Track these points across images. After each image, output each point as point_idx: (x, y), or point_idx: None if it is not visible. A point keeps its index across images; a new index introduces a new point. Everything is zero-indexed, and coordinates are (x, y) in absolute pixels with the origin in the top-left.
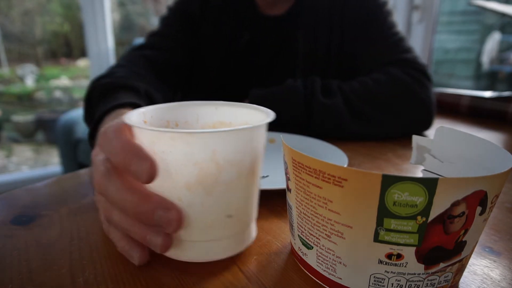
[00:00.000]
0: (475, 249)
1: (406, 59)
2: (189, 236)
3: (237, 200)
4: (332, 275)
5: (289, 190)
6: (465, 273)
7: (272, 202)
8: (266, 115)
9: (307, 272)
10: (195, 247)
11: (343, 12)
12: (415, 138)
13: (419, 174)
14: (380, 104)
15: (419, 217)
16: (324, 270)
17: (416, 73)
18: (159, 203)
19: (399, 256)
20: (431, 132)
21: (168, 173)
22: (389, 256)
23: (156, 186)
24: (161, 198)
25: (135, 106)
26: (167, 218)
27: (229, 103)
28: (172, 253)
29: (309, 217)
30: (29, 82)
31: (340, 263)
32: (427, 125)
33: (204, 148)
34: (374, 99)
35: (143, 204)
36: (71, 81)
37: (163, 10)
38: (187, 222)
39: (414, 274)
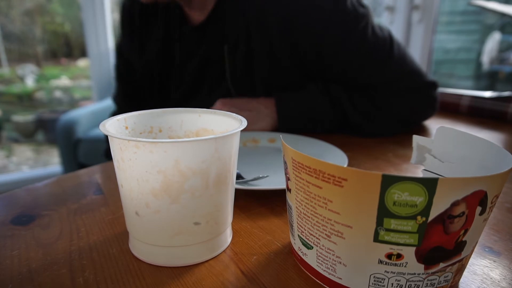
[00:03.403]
0: (475, 249)
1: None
2: (158, 241)
3: (205, 208)
4: (332, 275)
5: (289, 190)
6: (465, 273)
7: (272, 202)
8: (240, 123)
9: (307, 272)
10: (165, 252)
11: (290, 29)
12: (416, 138)
13: (419, 174)
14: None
15: (419, 217)
16: (324, 270)
17: (430, 100)
18: None
19: (399, 256)
20: (431, 132)
21: (135, 179)
22: (389, 256)
23: (126, 191)
24: None
25: None
26: None
27: (211, 110)
28: (144, 257)
29: (309, 217)
30: (29, 82)
31: (340, 263)
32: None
33: (166, 157)
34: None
35: None
36: (71, 81)
37: None
38: (155, 227)
39: (414, 274)
